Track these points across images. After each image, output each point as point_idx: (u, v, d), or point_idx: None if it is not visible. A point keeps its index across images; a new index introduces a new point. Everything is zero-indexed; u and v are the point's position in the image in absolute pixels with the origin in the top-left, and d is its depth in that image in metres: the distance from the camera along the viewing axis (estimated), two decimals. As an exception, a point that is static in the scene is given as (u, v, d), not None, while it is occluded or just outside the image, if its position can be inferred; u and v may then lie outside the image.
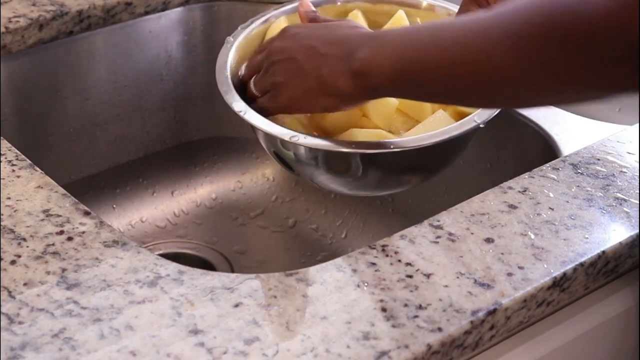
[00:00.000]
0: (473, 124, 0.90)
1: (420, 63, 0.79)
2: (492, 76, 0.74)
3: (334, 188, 0.96)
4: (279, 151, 0.93)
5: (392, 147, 0.88)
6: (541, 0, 0.71)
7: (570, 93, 0.73)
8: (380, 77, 0.81)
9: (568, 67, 0.70)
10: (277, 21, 1.03)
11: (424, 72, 0.79)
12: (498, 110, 0.92)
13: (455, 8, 1.01)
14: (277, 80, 0.90)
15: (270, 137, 0.92)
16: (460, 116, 0.92)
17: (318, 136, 0.92)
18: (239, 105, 0.92)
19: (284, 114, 0.93)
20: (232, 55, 0.98)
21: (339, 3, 1.05)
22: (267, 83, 0.91)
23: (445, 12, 1.02)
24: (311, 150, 0.90)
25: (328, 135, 0.94)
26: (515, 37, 0.72)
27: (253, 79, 0.94)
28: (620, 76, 0.69)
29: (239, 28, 1.03)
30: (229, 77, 0.96)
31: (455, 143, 0.92)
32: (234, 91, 0.94)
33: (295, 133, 0.89)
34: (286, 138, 0.89)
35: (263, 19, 1.03)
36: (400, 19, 1.00)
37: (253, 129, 0.93)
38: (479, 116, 0.90)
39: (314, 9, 0.99)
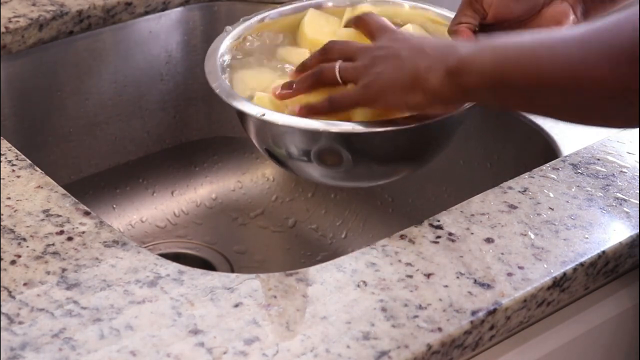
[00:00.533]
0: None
1: (518, 68, 0.78)
2: (586, 92, 0.74)
3: (326, 181, 0.96)
4: (270, 147, 0.93)
5: (368, 127, 0.87)
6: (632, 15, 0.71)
7: None
8: (475, 77, 0.80)
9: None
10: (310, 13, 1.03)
11: (521, 78, 0.78)
12: None
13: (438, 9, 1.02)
14: (375, 70, 0.86)
15: (259, 133, 0.91)
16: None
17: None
18: (218, 83, 0.92)
19: (366, 106, 0.90)
20: (226, 42, 0.99)
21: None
22: (362, 73, 0.87)
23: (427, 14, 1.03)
24: (299, 142, 0.90)
25: None
26: (618, 59, 0.71)
27: (339, 64, 0.90)
28: None
29: (240, 20, 1.03)
30: (217, 60, 0.96)
31: (442, 126, 0.91)
32: (219, 72, 0.94)
33: (264, 110, 0.88)
34: (255, 114, 0.88)
35: (259, 16, 1.03)
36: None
37: (244, 127, 0.93)
38: None
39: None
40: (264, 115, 0.88)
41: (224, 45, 0.99)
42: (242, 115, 0.92)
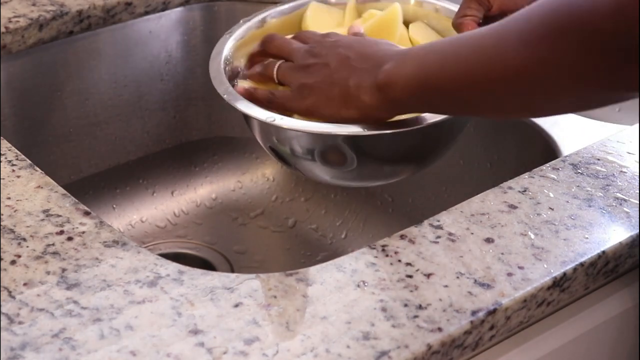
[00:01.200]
0: None
1: (440, 72, 0.79)
2: (506, 79, 0.74)
3: (330, 180, 0.96)
4: (275, 146, 0.93)
5: (371, 129, 0.87)
6: (554, 1, 0.71)
7: (583, 95, 0.73)
8: (403, 89, 0.82)
9: (578, 67, 0.70)
10: (310, 7, 1.04)
11: (445, 82, 0.79)
12: None
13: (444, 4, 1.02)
14: (306, 82, 0.89)
15: (263, 131, 0.92)
16: None
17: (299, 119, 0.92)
18: (224, 88, 0.92)
19: (302, 116, 0.92)
20: (229, 44, 0.99)
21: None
22: (294, 80, 0.90)
23: (432, 8, 1.03)
24: (305, 143, 0.90)
25: None
26: (528, 39, 0.72)
27: (279, 64, 0.92)
28: (630, 76, 0.68)
29: (240, 21, 1.03)
30: (222, 64, 0.96)
31: (448, 126, 0.91)
32: (223, 76, 0.94)
33: (272, 115, 0.89)
34: (263, 118, 0.89)
35: (260, 17, 1.03)
36: (394, 12, 1.00)
37: (248, 124, 0.93)
38: None
39: (362, 31, 0.98)
40: (274, 120, 0.88)
41: (227, 48, 0.99)
42: (248, 118, 0.92)
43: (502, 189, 0.90)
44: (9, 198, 0.87)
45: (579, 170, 0.93)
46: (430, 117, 0.88)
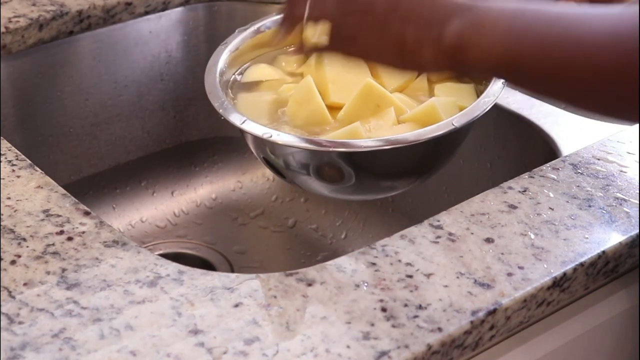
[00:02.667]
0: (451, 127, 0.89)
1: (536, 56, 0.73)
2: (622, 81, 0.70)
3: (329, 194, 0.96)
4: (268, 157, 0.93)
5: (364, 146, 0.87)
6: None
7: None
8: (479, 58, 0.75)
9: None
10: None
11: (542, 67, 0.73)
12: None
13: None
14: (349, 33, 0.81)
15: (257, 142, 0.91)
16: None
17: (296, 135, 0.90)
18: (220, 102, 0.92)
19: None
20: (224, 57, 0.98)
21: None
22: (337, 32, 0.82)
23: None
24: (300, 158, 0.90)
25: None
26: (621, 40, 0.69)
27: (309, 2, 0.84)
28: None
29: (236, 31, 1.02)
30: (217, 76, 0.96)
31: (449, 140, 0.91)
32: (219, 91, 0.94)
33: (269, 131, 0.88)
34: (259, 134, 0.88)
35: (254, 27, 1.03)
36: None
37: (242, 135, 0.93)
38: (457, 120, 0.89)
39: None
40: (270, 136, 0.88)
41: (222, 59, 0.98)
42: (244, 132, 0.92)
43: (502, 189, 0.90)
44: (9, 198, 0.87)
45: (579, 170, 0.93)
46: (430, 132, 0.87)
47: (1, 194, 0.87)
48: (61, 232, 0.83)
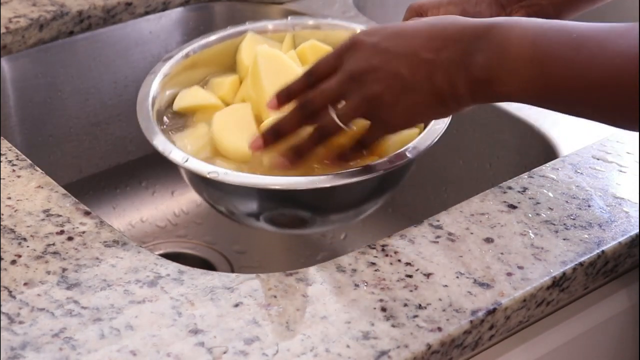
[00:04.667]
0: (406, 159, 0.86)
1: (568, 78, 0.73)
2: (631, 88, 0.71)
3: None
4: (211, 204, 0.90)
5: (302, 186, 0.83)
6: None
7: None
8: (511, 84, 0.75)
9: None
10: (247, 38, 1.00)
11: (575, 88, 0.73)
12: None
13: None
14: (384, 102, 0.79)
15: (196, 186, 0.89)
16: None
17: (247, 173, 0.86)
18: (164, 145, 0.89)
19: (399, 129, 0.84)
20: (154, 86, 0.95)
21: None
22: (366, 110, 0.80)
23: None
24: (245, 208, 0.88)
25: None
26: None
27: (332, 111, 0.81)
28: None
29: (163, 58, 0.99)
30: (150, 109, 0.92)
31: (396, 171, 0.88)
32: (154, 126, 0.91)
33: (216, 169, 0.85)
34: (205, 174, 0.85)
35: (183, 52, 0.99)
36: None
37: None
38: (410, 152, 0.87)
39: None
40: (217, 175, 0.84)
41: (153, 89, 0.95)
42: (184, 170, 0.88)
43: (501, 189, 0.90)
44: (9, 198, 0.87)
45: (579, 170, 0.93)
46: (372, 171, 0.85)
47: (1, 194, 0.87)
48: (61, 232, 0.83)
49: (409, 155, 0.86)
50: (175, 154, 0.88)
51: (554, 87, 0.74)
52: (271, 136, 0.84)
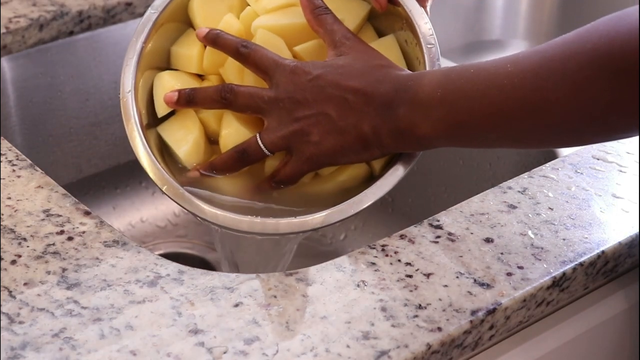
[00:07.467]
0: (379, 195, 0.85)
1: (470, 110, 0.77)
2: (549, 114, 0.74)
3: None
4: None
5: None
6: (584, 31, 0.72)
7: (624, 124, 0.72)
8: (426, 126, 0.79)
9: (614, 96, 0.70)
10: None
11: (477, 119, 0.77)
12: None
13: None
14: (310, 139, 0.82)
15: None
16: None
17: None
18: (165, 183, 0.88)
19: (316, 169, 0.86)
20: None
21: None
22: (292, 142, 0.83)
23: None
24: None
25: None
26: (563, 72, 0.72)
27: (259, 137, 0.84)
28: None
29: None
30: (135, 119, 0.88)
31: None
32: (143, 139, 0.89)
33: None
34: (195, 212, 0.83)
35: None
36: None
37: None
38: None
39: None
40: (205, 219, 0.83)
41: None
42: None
43: (501, 189, 0.90)
44: (9, 198, 0.87)
45: (579, 170, 0.93)
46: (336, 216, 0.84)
47: (1, 194, 0.87)
48: (61, 232, 0.83)
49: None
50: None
51: (461, 121, 0.78)
52: (185, 100, 0.86)
